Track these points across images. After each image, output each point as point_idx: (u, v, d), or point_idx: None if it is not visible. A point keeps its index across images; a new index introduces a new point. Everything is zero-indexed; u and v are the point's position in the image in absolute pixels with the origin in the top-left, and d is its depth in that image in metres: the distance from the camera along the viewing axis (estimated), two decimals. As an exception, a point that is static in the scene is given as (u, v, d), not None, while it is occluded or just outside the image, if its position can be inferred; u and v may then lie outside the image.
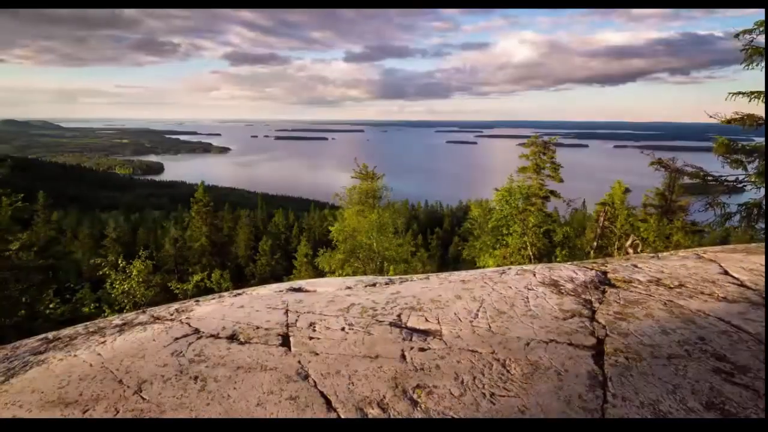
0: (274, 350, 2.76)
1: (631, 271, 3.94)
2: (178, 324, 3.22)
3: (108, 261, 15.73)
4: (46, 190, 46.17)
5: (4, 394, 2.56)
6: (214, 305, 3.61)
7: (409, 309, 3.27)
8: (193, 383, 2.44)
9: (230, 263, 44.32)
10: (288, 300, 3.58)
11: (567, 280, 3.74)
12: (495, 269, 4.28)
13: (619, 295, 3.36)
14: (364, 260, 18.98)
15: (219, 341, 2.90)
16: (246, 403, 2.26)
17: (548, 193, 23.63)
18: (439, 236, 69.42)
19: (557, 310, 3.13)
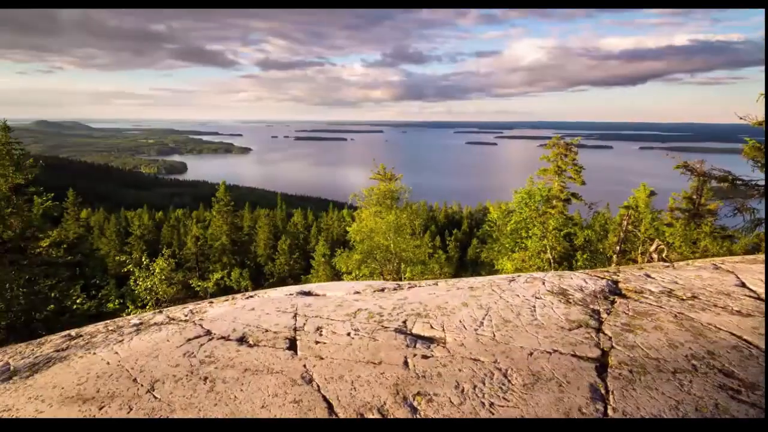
0: (281, 353, 2.84)
1: (643, 281, 3.88)
2: (191, 325, 3.34)
3: (132, 258, 16.26)
4: (76, 188, 47.83)
5: (28, 388, 2.72)
6: (226, 307, 3.72)
7: (415, 315, 3.31)
8: (203, 384, 2.54)
9: (250, 262, 45.10)
10: (297, 304, 3.66)
11: (576, 290, 3.70)
12: (504, 276, 4.27)
13: (628, 305, 3.32)
14: (381, 261, 19.02)
15: (229, 343, 3.00)
16: (251, 405, 2.34)
17: (570, 196, 23.23)
18: (458, 238, 68.92)
19: (563, 320, 3.11)
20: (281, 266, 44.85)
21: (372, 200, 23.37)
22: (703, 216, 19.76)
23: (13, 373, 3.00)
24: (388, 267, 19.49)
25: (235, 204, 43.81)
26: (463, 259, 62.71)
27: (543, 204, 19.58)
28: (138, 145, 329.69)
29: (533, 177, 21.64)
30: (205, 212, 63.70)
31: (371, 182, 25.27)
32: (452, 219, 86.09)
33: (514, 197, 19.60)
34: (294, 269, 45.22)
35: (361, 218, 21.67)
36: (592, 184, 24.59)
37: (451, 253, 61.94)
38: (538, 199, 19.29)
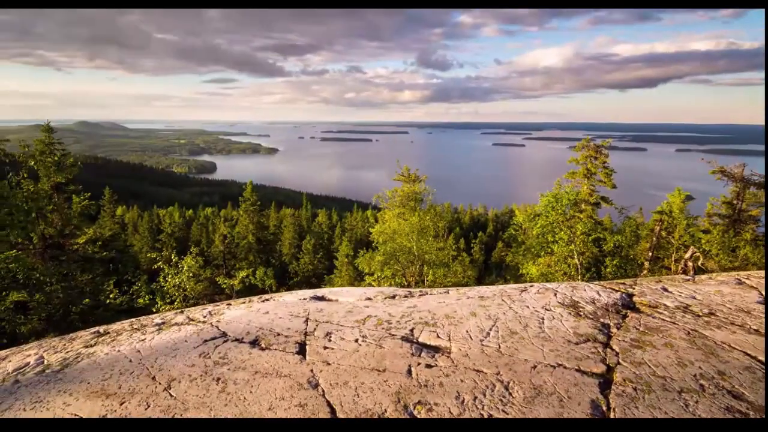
0: (291, 358, 2.95)
1: (659, 295, 3.80)
2: (209, 327, 3.50)
3: (162, 256, 16.89)
4: (112, 186, 50.06)
5: (58, 382, 2.93)
6: (243, 310, 3.88)
7: (423, 324, 3.36)
8: (215, 384, 2.68)
9: (275, 261, 45.94)
10: (310, 308, 3.78)
11: (588, 302, 3.67)
12: (516, 286, 4.26)
13: (640, 321, 3.26)
14: (404, 263, 19.01)
15: (242, 345, 3.14)
16: (259, 407, 2.45)
17: (599, 200, 22.64)
18: (482, 241, 68.08)
19: (571, 333, 3.10)
20: (305, 266, 45.48)
21: (395, 202, 23.42)
22: (745, 222, 18.88)
23: (46, 366, 3.24)
24: (411, 269, 19.48)
25: (262, 203, 44.78)
26: (487, 262, 61.97)
27: (571, 208, 19.15)
28: (170, 146, 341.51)
29: (561, 180, 21.18)
30: (232, 211, 65.41)
31: (395, 183, 25.34)
32: (477, 221, 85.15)
33: (541, 201, 19.26)
34: (318, 269, 45.76)
35: (384, 219, 21.73)
36: (623, 188, 23.87)
37: (475, 256, 61.31)
38: (566, 202, 18.87)
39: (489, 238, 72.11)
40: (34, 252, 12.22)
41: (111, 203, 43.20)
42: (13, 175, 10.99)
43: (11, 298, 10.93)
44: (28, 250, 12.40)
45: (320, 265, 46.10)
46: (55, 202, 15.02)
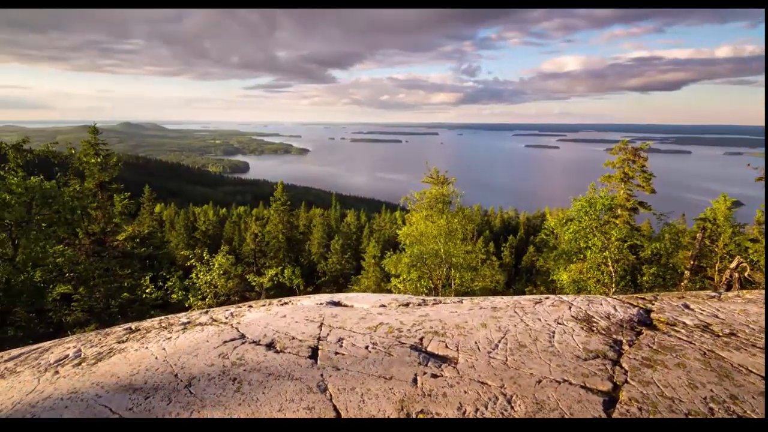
0: (303, 361, 3.09)
1: (679, 313, 3.70)
2: (229, 328, 3.69)
3: (195, 253, 17.58)
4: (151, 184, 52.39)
5: (92, 374, 3.18)
6: (262, 312, 4.06)
7: (433, 333, 3.42)
8: (231, 384, 2.85)
9: (304, 260, 46.78)
10: (325, 314, 3.91)
11: (602, 317, 3.62)
12: (531, 298, 4.25)
13: (654, 338, 3.21)
14: (431, 266, 18.94)
15: (258, 348, 3.30)
16: (270, 408, 2.60)
17: (637, 205, 21.86)
18: (513, 244, 66.88)
19: (581, 348, 3.08)
20: (333, 265, 46.08)
21: (423, 204, 23.37)
22: (799, 232, 17.78)
23: (83, 359, 3.52)
24: (438, 272, 19.40)
25: (292, 203, 45.69)
26: (518, 266, 60.86)
27: (605, 213, 18.54)
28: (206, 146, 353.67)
29: (595, 184, 20.54)
30: (264, 210, 67.06)
31: (424, 185, 25.29)
32: (508, 225, 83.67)
33: (574, 205, 18.76)
34: (345, 269, 46.25)
35: (412, 222, 21.73)
36: (664, 193, 22.92)
37: (505, 260, 60.31)
38: (600, 207, 18.30)
39: (520, 241, 70.79)
40: (78, 248, 13.04)
41: (150, 201, 45.22)
42: (61, 175, 11.77)
43: (58, 291, 11.71)
44: (74, 246, 13.23)
45: (348, 265, 46.58)
46: (99, 200, 15.96)
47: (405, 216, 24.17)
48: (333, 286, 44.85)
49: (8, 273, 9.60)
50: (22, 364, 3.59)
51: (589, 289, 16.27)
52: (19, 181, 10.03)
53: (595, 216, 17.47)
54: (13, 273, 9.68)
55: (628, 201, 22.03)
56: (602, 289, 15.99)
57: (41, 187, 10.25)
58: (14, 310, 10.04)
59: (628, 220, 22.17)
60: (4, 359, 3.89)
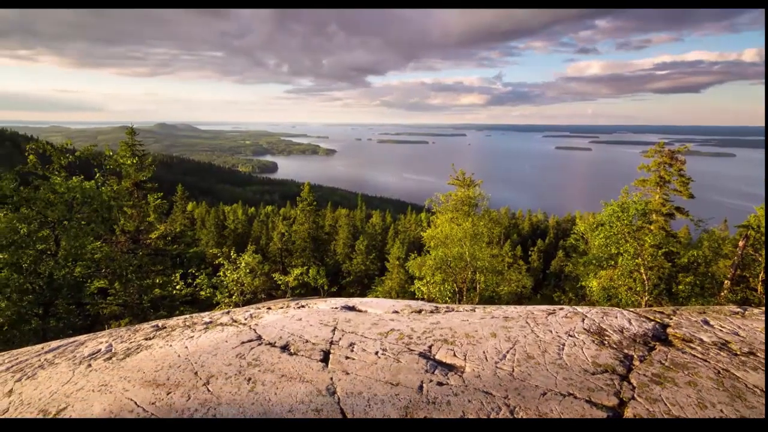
0: (314, 364, 3.21)
1: (697, 329, 3.61)
2: (247, 329, 3.87)
3: (223, 252, 18.15)
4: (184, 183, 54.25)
5: (121, 369, 3.41)
6: (279, 315, 4.22)
7: (442, 341, 3.48)
8: (246, 384, 3.00)
9: (329, 259, 47.32)
10: (339, 318, 4.03)
11: (615, 330, 3.58)
12: (544, 308, 4.24)
13: (667, 355, 3.16)
14: (455, 269, 18.80)
15: (273, 350, 3.45)
16: (281, 408, 2.73)
17: (673, 210, 21.08)
18: (541, 249, 65.53)
19: (589, 362, 3.08)
20: (358, 266, 46.39)
21: (449, 206, 23.21)
22: None
23: (113, 354, 3.77)
24: (462, 275, 19.22)
25: (318, 203, 46.32)
26: (546, 271, 59.63)
27: (639, 218, 17.91)
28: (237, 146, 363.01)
29: (628, 188, 19.87)
30: (291, 210, 68.24)
31: (449, 187, 25.13)
32: (537, 228, 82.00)
33: (605, 210, 18.23)
34: (370, 269, 46.49)
35: (437, 224, 21.63)
36: (703, 198, 22.02)
37: (532, 264, 59.19)
38: (633, 212, 17.71)
39: (548, 246, 69.30)
40: (115, 245, 13.72)
41: (182, 200, 46.87)
42: (99, 175, 12.43)
43: (95, 285, 12.37)
44: (111, 243, 13.94)
45: (372, 266, 46.82)
46: (135, 199, 16.73)
47: (430, 218, 24.10)
48: (357, 286, 45.21)
49: (51, 267, 10.23)
50: (60, 357, 3.87)
51: (620, 297, 15.79)
52: (62, 182, 10.66)
53: (628, 221, 16.90)
54: (56, 268, 10.30)
55: (663, 206, 21.26)
56: (634, 297, 15.49)
57: (81, 187, 10.86)
58: (56, 303, 10.68)
59: (664, 226, 21.38)
60: (44, 351, 4.21)
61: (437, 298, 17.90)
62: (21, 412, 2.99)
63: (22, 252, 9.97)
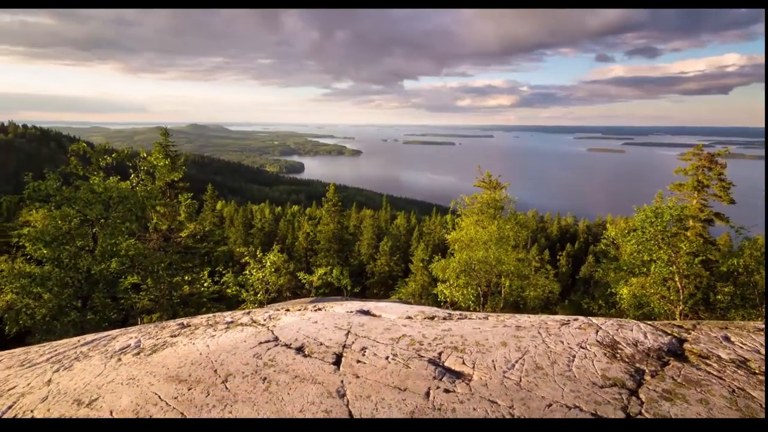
0: (327, 367, 3.34)
1: (716, 344, 3.53)
2: (265, 330, 4.04)
3: (249, 251, 18.67)
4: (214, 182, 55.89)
5: (147, 364, 3.64)
6: (296, 317, 4.37)
7: (452, 348, 3.54)
8: (261, 383, 3.15)
9: (353, 260, 47.70)
10: (353, 322, 4.15)
11: (629, 344, 3.55)
12: (558, 318, 4.22)
13: (681, 371, 3.11)
14: (479, 273, 18.58)
15: (289, 351, 3.60)
16: (292, 407, 2.86)
17: (712, 216, 20.24)
18: (570, 253, 63.97)
19: (599, 375, 3.07)
20: (382, 267, 46.57)
21: (474, 208, 22.98)
22: None
23: (141, 349, 4.01)
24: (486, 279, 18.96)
25: (343, 204, 46.76)
26: (575, 276, 58.19)
27: (674, 224, 17.22)
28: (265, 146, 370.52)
29: (663, 192, 19.14)
30: (316, 210, 69.19)
31: (476, 189, 24.88)
32: (566, 232, 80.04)
33: (638, 215, 17.63)
34: (394, 271, 46.56)
35: (462, 226, 21.45)
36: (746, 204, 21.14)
37: (561, 269, 57.86)
38: (667, 218, 17.04)
39: (578, 250, 67.56)
40: (147, 242, 14.35)
41: (212, 198, 48.33)
42: (134, 175, 13.06)
43: (129, 281, 12.98)
44: (144, 241, 14.59)
45: (396, 267, 46.89)
46: (167, 198, 17.44)
47: (455, 220, 23.91)
48: (381, 287, 45.37)
49: (89, 263, 10.83)
50: (94, 350, 4.15)
51: (652, 306, 15.27)
52: (100, 182, 11.27)
53: (662, 227, 16.27)
54: (93, 263, 10.90)
55: (701, 212, 20.42)
56: (667, 306, 14.94)
57: (118, 187, 11.45)
58: (93, 296, 11.29)
59: (702, 232, 20.53)
60: (80, 344, 4.51)
61: (460, 302, 17.79)
62: (58, 400, 3.24)
63: (63, 248, 10.59)
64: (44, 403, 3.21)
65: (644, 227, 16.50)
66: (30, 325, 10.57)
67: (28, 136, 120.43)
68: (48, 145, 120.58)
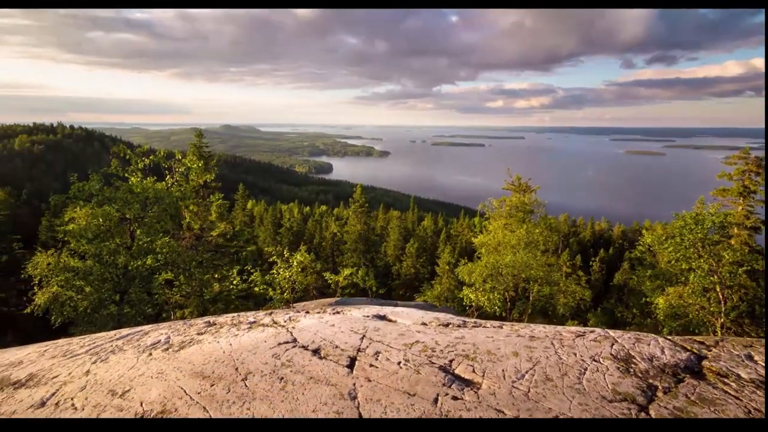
0: (341, 369, 3.47)
1: (737, 363, 3.44)
2: (285, 331, 4.22)
3: (276, 250, 19.17)
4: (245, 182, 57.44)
5: (175, 360, 3.88)
6: (315, 320, 4.54)
7: (463, 356, 3.61)
8: (278, 382, 3.32)
9: (379, 261, 47.95)
10: (369, 327, 4.27)
11: (644, 359, 3.50)
12: (574, 329, 4.20)
13: (696, 388, 3.06)
14: (507, 278, 18.29)
15: (305, 352, 3.76)
16: (306, 407, 3.01)
17: (759, 224, 19.30)
18: (604, 259, 61.93)
19: (609, 389, 3.06)
20: (407, 269, 46.55)
21: (502, 212, 22.63)
22: None
23: (170, 345, 4.27)
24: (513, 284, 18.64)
25: (370, 205, 47.02)
26: (608, 283, 56.33)
27: (716, 232, 16.39)
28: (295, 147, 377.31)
29: (704, 198, 18.30)
30: (344, 210, 69.92)
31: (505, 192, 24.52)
32: (599, 237, 77.55)
33: (676, 222, 16.87)
34: (420, 273, 46.44)
35: (489, 230, 21.17)
36: None
37: (593, 276, 56.17)
38: (709, 225, 16.23)
39: (612, 256, 65.34)
40: (180, 240, 15.02)
41: (243, 198, 49.70)
42: (169, 176, 13.69)
43: (163, 277, 13.62)
44: (178, 239, 15.27)
45: (422, 269, 46.76)
46: (199, 198, 18.15)
47: (483, 223, 23.60)
48: (406, 289, 45.37)
49: (127, 259, 11.46)
50: (128, 344, 4.45)
51: (690, 317, 14.62)
52: (138, 183, 11.90)
53: (702, 235, 15.49)
54: (130, 260, 11.53)
55: (747, 219, 19.48)
56: (708, 317, 14.29)
57: (154, 188, 12.06)
58: (129, 291, 11.93)
59: (747, 240, 19.56)
60: (116, 337, 4.84)
61: (485, 307, 17.59)
62: (95, 390, 3.53)
63: (104, 245, 11.25)
64: (83, 392, 3.50)
65: (683, 234, 15.78)
66: (73, 316, 11.28)
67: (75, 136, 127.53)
68: (92, 144, 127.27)
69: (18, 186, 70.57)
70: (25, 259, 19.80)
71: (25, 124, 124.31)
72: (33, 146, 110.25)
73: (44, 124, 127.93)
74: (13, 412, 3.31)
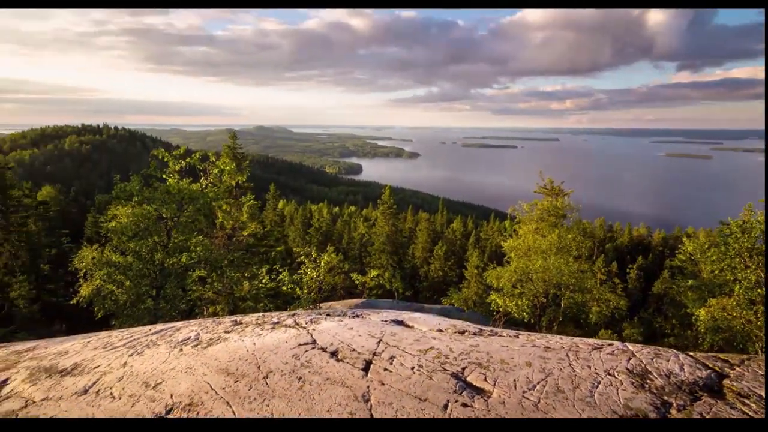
0: (356, 372, 3.61)
1: (760, 383, 3.33)
2: (305, 333, 4.41)
3: (304, 251, 19.62)
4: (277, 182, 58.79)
5: (202, 356, 4.14)
6: (335, 323, 4.71)
7: (476, 364, 3.67)
8: (296, 382, 3.50)
9: (406, 263, 47.95)
10: (386, 331, 4.40)
11: (662, 375, 3.46)
12: (591, 342, 4.17)
13: (712, 408, 3.01)
14: (536, 283, 17.88)
15: (324, 354, 3.93)
16: (321, 407, 3.17)
17: None
18: (642, 267, 59.55)
19: (621, 404, 3.06)
20: (435, 271, 46.31)
21: (533, 216, 22.17)
22: None
23: (199, 342, 4.55)
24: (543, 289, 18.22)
25: (399, 206, 47.05)
26: (646, 292, 54.15)
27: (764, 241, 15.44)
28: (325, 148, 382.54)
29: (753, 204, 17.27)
30: (372, 211, 70.35)
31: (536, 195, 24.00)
32: (638, 244, 74.52)
33: (721, 229, 15.98)
34: (448, 276, 46.07)
35: (520, 234, 20.78)
36: None
37: (630, 284, 54.15)
38: (757, 234, 15.30)
39: (651, 264, 62.71)
40: (213, 239, 15.65)
41: (274, 198, 50.94)
42: (203, 178, 14.33)
43: (196, 274, 14.24)
44: (212, 238, 15.92)
45: (451, 272, 46.40)
46: (233, 198, 18.83)
47: (514, 227, 23.16)
48: (433, 292, 45.15)
49: (163, 257, 12.09)
50: (161, 339, 4.77)
51: (734, 330, 13.89)
52: (174, 184, 12.53)
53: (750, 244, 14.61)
54: (167, 257, 12.15)
55: (801, 228, 18.25)
56: (755, 332, 13.55)
57: (189, 189, 12.66)
58: (165, 287, 12.57)
59: (799, 249, 18.32)
60: (151, 332, 5.18)
61: (513, 312, 17.31)
62: (131, 381, 3.82)
63: (143, 242, 11.91)
64: (120, 382, 3.80)
65: (728, 242, 14.96)
66: (114, 309, 11.99)
67: (119, 137, 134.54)
68: (135, 145, 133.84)
69: (67, 184, 75.23)
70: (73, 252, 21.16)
71: (75, 125, 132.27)
72: (81, 146, 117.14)
73: (92, 125, 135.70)
74: (60, 397, 3.64)
